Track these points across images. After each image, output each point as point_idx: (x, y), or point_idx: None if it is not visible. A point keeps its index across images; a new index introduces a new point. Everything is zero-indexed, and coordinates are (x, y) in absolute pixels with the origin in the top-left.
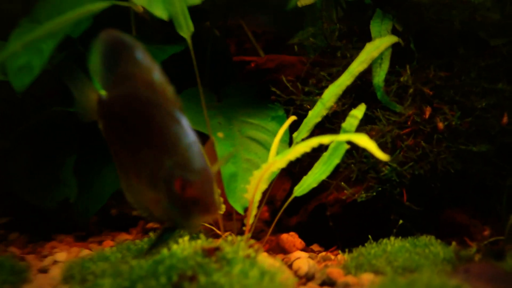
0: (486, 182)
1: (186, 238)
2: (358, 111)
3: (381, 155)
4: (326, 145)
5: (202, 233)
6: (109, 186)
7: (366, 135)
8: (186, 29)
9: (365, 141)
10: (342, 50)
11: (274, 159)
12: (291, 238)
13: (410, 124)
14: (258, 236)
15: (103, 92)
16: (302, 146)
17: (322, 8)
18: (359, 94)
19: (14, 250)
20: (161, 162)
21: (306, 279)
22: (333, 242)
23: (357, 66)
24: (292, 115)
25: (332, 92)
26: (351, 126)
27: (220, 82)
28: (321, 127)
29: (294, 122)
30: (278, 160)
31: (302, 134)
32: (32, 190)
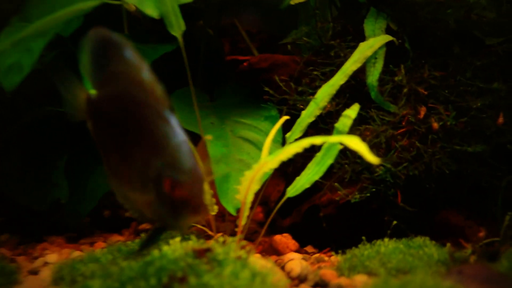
0: (482, 183)
1: (177, 239)
2: (352, 111)
3: (371, 158)
4: (319, 145)
5: (195, 234)
6: (101, 187)
7: (357, 137)
8: (177, 28)
9: (356, 143)
10: (336, 49)
11: (266, 160)
12: (285, 240)
13: (405, 124)
14: (251, 237)
15: (93, 91)
16: (293, 147)
17: (316, 6)
18: (353, 94)
19: (5, 252)
20: (150, 162)
21: (299, 281)
22: (327, 244)
23: (350, 66)
24: (285, 115)
25: (325, 91)
26: (345, 126)
27: (213, 82)
28: (315, 127)
29: (288, 122)
30: (269, 160)
31: (295, 134)
32: (23, 191)
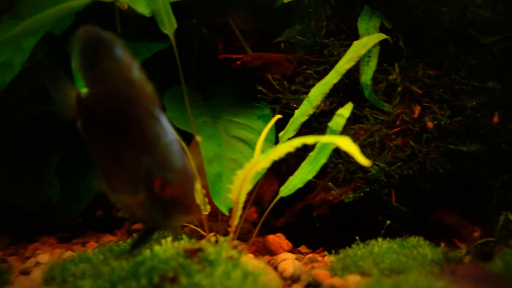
0: (476, 183)
1: (169, 239)
2: (345, 110)
3: (362, 160)
4: (312, 144)
5: (187, 234)
6: (93, 187)
7: (349, 138)
8: (169, 26)
9: (347, 144)
10: (330, 47)
11: (257, 159)
12: (278, 240)
13: (399, 123)
14: (245, 237)
15: (84, 90)
16: (285, 146)
17: (310, 5)
18: (347, 93)
19: None
20: (140, 161)
21: (292, 281)
22: (320, 243)
23: (344, 64)
24: (278, 114)
25: (319, 90)
26: (338, 125)
27: (207, 81)
28: (308, 126)
29: (281, 121)
30: (261, 159)
31: (288, 133)
32: (14, 191)
